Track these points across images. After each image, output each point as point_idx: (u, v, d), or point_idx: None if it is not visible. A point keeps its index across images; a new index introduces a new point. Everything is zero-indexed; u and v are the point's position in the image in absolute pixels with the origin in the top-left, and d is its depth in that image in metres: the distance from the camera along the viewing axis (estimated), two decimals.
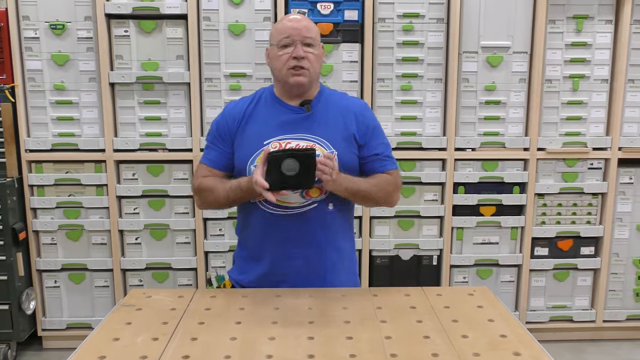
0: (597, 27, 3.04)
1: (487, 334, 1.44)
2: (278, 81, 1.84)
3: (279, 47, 1.76)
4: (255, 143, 1.78)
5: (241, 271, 1.91)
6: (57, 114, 3.00)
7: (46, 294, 3.14)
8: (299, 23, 1.77)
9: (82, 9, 2.91)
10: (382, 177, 1.82)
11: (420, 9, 2.97)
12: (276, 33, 1.79)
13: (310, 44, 1.76)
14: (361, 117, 1.84)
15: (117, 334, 1.44)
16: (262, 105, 1.85)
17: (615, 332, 3.32)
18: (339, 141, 1.78)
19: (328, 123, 1.80)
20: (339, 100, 1.88)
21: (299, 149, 1.68)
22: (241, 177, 1.76)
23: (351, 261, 1.96)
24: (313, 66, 1.77)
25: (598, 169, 3.15)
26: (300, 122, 1.79)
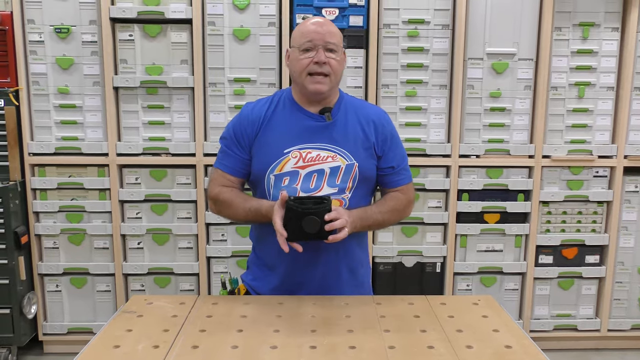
0: (603, 35, 3.02)
1: (492, 345, 1.42)
2: (297, 84, 1.79)
3: (301, 51, 1.73)
4: (275, 151, 1.75)
5: (255, 277, 1.89)
6: (60, 118, 3.00)
7: (47, 298, 3.13)
8: (322, 27, 1.73)
9: (87, 12, 2.92)
10: (394, 199, 1.82)
11: (426, 15, 2.96)
12: (299, 36, 1.75)
13: (332, 49, 1.73)
14: (380, 126, 1.81)
15: (118, 342, 1.43)
16: (281, 110, 1.80)
17: (620, 342, 3.29)
18: (359, 152, 1.77)
19: (348, 133, 1.77)
20: (359, 108, 1.85)
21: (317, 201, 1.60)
22: (262, 200, 1.73)
23: (367, 270, 1.95)
24: (334, 72, 1.74)
25: (603, 177, 3.13)
26: (321, 131, 1.76)
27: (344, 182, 1.74)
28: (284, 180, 1.73)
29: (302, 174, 1.73)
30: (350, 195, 1.75)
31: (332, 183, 1.74)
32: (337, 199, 1.73)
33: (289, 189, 1.72)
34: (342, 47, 1.77)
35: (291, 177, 1.73)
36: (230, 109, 3.00)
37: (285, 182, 1.73)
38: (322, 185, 1.73)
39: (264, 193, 1.78)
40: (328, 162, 1.74)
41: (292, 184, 1.73)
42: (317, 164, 1.73)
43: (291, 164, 1.73)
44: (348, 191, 1.75)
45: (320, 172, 1.73)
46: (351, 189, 1.76)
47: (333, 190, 1.73)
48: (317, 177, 1.73)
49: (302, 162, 1.73)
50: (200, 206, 3.04)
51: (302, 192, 1.73)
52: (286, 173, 1.73)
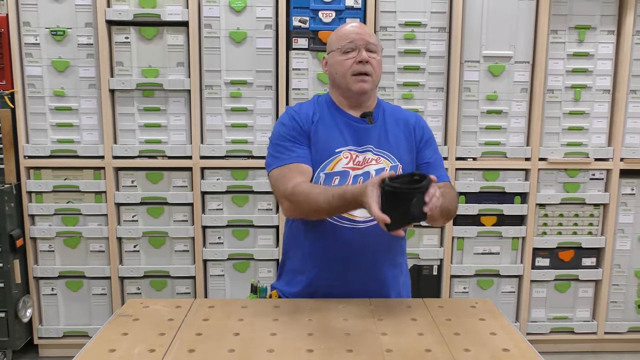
0: (600, 38, 3.03)
1: (490, 348, 1.42)
2: (338, 88, 1.78)
3: (342, 53, 1.73)
4: (328, 150, 1.73)
5: (289, 284, 1.84)
6: (56, 121, 2.99)
7: (43, 302, 3.12)
8: (361, 29, 1.76)
9: (83, 15, 2.91)
10: (447, 188, 1.73)
11: (422, 17, 2.97)
12: (338, 39, 1.76)
13: (373, 49, 1.74)
14: (418, 127, 1.82)
15: (113, 345, 1.42)
16: (327, 112, 1.79)
17: (616, 344, 3.29)
18: (402, 154, 1.77)
19: (389, 136, 1.78)
20: (396, 112, 1.86)
21: (420, 179, 1.43)
22: (344, 185, 1.63)
23: (407, 277, 1.94)
24: (376, 72, 1.75)
25: (600, 180, 3.14)
26: (366, 134, 1.76)
27: None
28: (334, 179, 1.72)
29: (352, 175, 1.73)
30: None
31: None
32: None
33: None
34: (381, 49, 1.79)
35: (341, 177, 1.72)
36: (226, 112, 2.99)
37: (336, 182, 1.72)
38: None
39: None
40: (372, 164, 1.74)
41: (342, 183, 1.71)
42: (365, 166, 1.74)
43: (342, 163, 1.73)
44: None
45: (365, 174, 1.73)
46: None
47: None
48: (362, 180, 1.71)
49: (352, 164, 1.73)
50: (196, 209, 3.03)
51: None
52: (337, 172, 1.73)
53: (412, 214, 1.40)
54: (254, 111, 3.00)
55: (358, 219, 1.72)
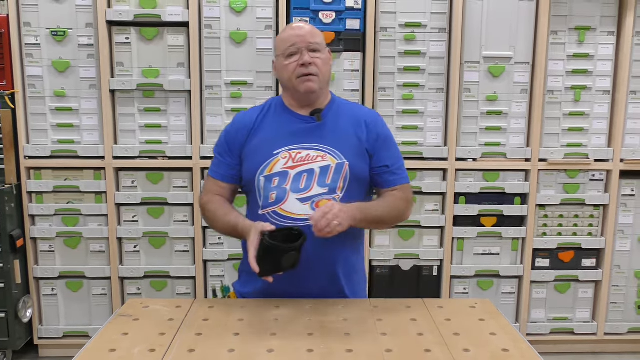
0: (599, 39, 3.03)
1: (489, 348, 1.42)
2: (287, 90, 1.81)
3: (286, 57, 1.74)
4: (265, 153, 1.75)
5: (244, 283, 1.88)
6: (57, 121, 2.99)
7: (43, 302, 3.12)
8: (302, 30, 1.75)
9: (84, 15, 2.91)
10: (392, 197, 1.79)
11: (423, 18, 2.97)
12: (281, 43, 1.77)
13: (316, 49, 1.74)
14: (372, 126, 1.81)
15: (114, 345, 1.42)
16: (272, 115, 1.82)
17: (616, 345, 3.29)
18: (350, 151, 1.76)
19: (339, 132, 1.77)
20: (351, 109, 1.85)
21: (288, 233, 1.58)
22: (241, 217, 1.72)
23: (360, 274, 1.93)
24: (322, 71, 1.75)
25: (600, 181, 3.14)
26: (311, 132, 1.77)
27: (335, 182, 1.73)
28: (273, 181, 1.73)
29: (291, 174, 1.73)
30: (341, 196, 1.74)
31: (322, 183, 1.73)
32: (328, 199, 1.72)
33: (278, 189, 1.72)
34: (325, 47, 1.79)
35: (281, 177, 1.73)
36: (227, 112, 2.99)
37: (275, 183, 1.73)
38: (312, 185, 1.72)
39: (255, 196, 1.78)
40: (318, 161, 1.73)
41: (281, 184, 1.73)
42: (307, 163, 1.73)
43: (280, 164, 1.74)
44: (339, 191, 1.74)
45: (310, 171, 1.73)
46: (342, 188, 1.74)
47: (323, 190, 1.72)
48: (307, 177, 1.72)
49: (292, 163, 1.74)
50: (196, 209, 3.03)
51: (291, 192, 1.72)
52: (276, 174, 1.74)
53: (282, 267, 1.57)
54: None
55: (301, 217, 1.70)
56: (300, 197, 1.72)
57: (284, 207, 1.72)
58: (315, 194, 1.72)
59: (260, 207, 1.76)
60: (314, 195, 1.72)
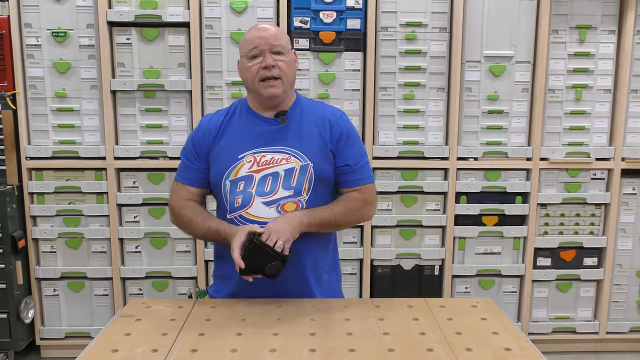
0: (600, 38, 3.03)
1: (492, 347, 1.42)
2: (251, 93, 1.80)
3: (249, 59, 1.73)
4: (230, 157, 1.75)
5: (217, 289, 1.88)
6: (58, 122, 2.99)
7: (45, 303, 3.12)
8: (266, 32, 1.73)
9: (84, 16, 2.91)
10: (347, 199, 1.77)
11: (423, 18, 2.97)
12: (244, 44, 1.75)
13: (279, 51, 1.72)
14: (335, 124, 1.79)
15: (116, 345, 1.42)
16: (237, 118, 1.81)
17: (618, 344, 3.29)
18: (314, 152, 1.75)
19: (303, 134, 1.76)
20: (315, 109, 1.83)
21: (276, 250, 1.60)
22: (222, 223, 1.72)
23: (334, 275, 1.91)
24: (285, 74, 1.73)
25: (601, 180, 3.14)
26: (275, 134, 1.76)
27: (300, 184, 1.72)
28: (239, 185, 1.73)
29: (256, 178, 1.72)
30: (307, 197, 1.73)
31: (288, 185, 1.72)
32: (294, 202, 1.72)
33: (244, 193, 1.72)
34: (289, 49, 1.77)
35: (246, 181, 1.73)
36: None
37: (241, 187, 1.73)
38: (277, 188, 1.72)
39: (222, 200, 1.78)
40: (282, 164, 1.73)
41: (247, 188, 1.72)
42: (271, 167, 1.73)
43: (245, 168, 1.73)
44: (305, 193, 1.73)
45: (274, 174, 1.72)
46: (308, 190, 1.73)
47: (289, 192, 1.72)
48: (272, 180, 1.72)
49: (257, 166, 1.73)
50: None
51: (257, 195, 1.72)
52: (241, 178, 1.73)
53: (264, 271, 1.59)
54: None
55: (265, 219, 1.70)
56: (266, 201, 1.72)
57: (250, 211, 1.72)
58: (281, 196, 1.72)
59: (228, 212, 1.75)
60: (279, 198, 1.72)
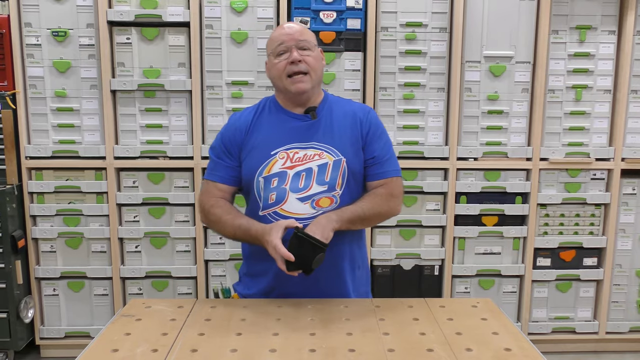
0: (600, 38, 3.03)
1: (492, 347, 1.42)
2: (280, 91, 1.81)
3: (275, 56, 1.74)
4: (262, 153, 1.75)
5: (247, 286, 1.88)
6: (57, 121, 2.99)
7: (45, 302, 3.12)
8: (291, 29, 1.75)
9: (84, 16, 2.91)
10: (373, 193, 1.78)
11: (423, 18, 2.97)
12: (271, 42, 1.77)
13: (305, 47, 1.73)
14: (365, 119, 1.80)
15: (116, 345, 1.42)
16: (267, 115, 1.82)
17: (618, 344, 3.29)
18: (346, 147, 1.76)
19: (334, 129, 1.77)
20: (344, 105, 1.85)
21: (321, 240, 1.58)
22: (253, 221, 1.71)
23: (362, 270, 1.92)
24: (313, 69, 1.74)
25: (601, 180, 3.14)
26: (307, 130, 1.77)
27: (334, 179, 1.73)
28: (272, 181, 1.74)
29: (290, 174, 1.73)
30: (341, 192, 1.74)
31: (321, 181, 1.73)
32: (328, 197, 1.72)
33: (278, 190, 1.72)
34: (316, 46, 1.78)
35: (280, 177, 1.73)
36: (227, 112, 2.99)
37: (275, 184, 1.73)
38: (311, 183, 1.72)
39: (255, 197, 1.77)
40: (315, 160, 1.74)
41: (281, 184, 1.73)
42: (305, 163, 1.73)
43: (279, 165, 1.74)
44: (339, 188, 1.74)
45: (308, 170, 1.73)
46: (342, 185, 1.74)
47: (323, 187, 1.73)
48: (305, 176, 1.73)
49: (290, 162, 1.74)
50: (197, 209, 3.03)
51: (291, 191, 1.72)
52: (274, 174, 1.74)
53: (311, 263, 1.56)
54: None
55: (303, 215, 1.71)
56: (300, 197, 1.72)
57: (285, 207, 1.72)
58: (315, 192, 1.72)
59: (261, 208, 1.75)
60: (313, 194, 1.72)
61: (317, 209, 1.72)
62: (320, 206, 1.72)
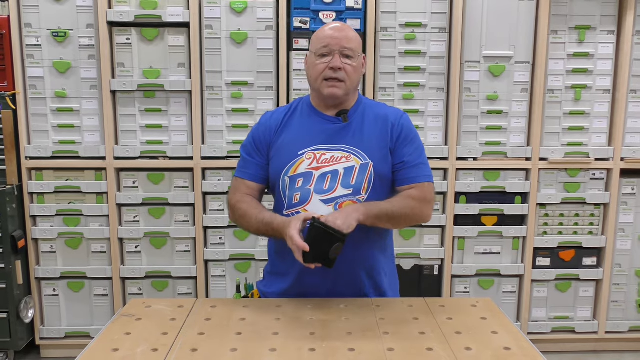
0: (600, 38, 3.04)
1: (491, 346, 1.43)
2: (314, 90, 1.80)
3: (317, 56, 1.73)
4: (290, 153, 1.75)
5: (268, 284, 1.88)
6: (58, 122, 2.99)
7: (45, 303, 3.12)
8: (339, 32, 1.73)
9: (84, 16, 2.91)
10: (404, 195, 1.74)
11: (423, 18, 2.97)
12: (316, 40, 1.76)
13: (349, 55, 1.72)
14: (397, 123, 1.78)
15: (117, 345, 1.43)
16: (299, 115, 1.82)
17: (617, 344, 3.29)
18: (374, 151, 1.75)
19: (364, 133, 1.77)
20: (377, 109, 1.83)
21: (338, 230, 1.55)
22: (276, 215, 1.70)
23: (391, 280, 1.91)
24: (350, 78, 1.73)
25: (600, 180, 3.14)
26: (336, 133, 1.76)
27: (359, 183, 1.72)
28: (297, 181, 1.73)
29: (315, 175, 1.73)
30: (366, 197, 1.72)
31: (347, 184, 1.72)
32: (352, 201, 1.71)
33: (302, 190, 1.72)
34: (360, 53, 1.77)
35: (305, 178, 1.73)
36: (227, 112, 3.00)
37: (299, 184, 1.73)
38: (336, 186, 1.71)
39: (280, 196, 1.78)
40: (342, 162, 1.73)
41: (305, 185, 1.72)
42: (331, 165, 1.73)
43: (305, 165, 1.74)
44: (364, 192, 1.72)
45: (334, 172, 1.72)
46: (367, 190, 1.72)
47: (347, 191, 1.72)
48: (330, 178, 1.72)
49: (316, 163, 1.73)
50: (197, 209, 3.04)
51: (315, 193, 1.72)
52: (300, 174, 1.74)
53: (328, 255, 1.55)
54: (254, 112, 3.00)
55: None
56: (324, 199, 1.72)
57: (308, 208, 1.71)
58: (339, 195, 1.71)
59: (285, 208, 1.75)
60: (337, 197, 1.71)
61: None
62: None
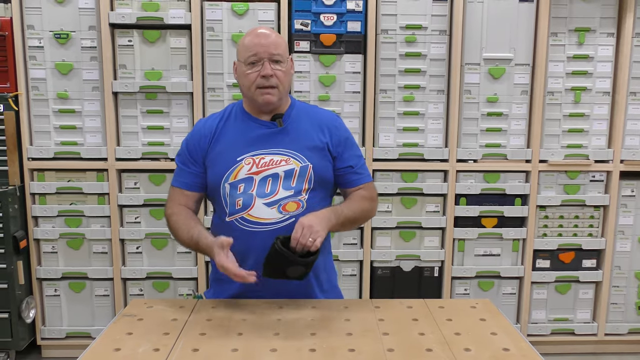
0: (599, 40, 3.05)
1: (490, 348, 1.44)
2: (246, 97, 1.82)
3: (247, 65, 1.73)
4: (228, 160, 1.76)
5: (215, 293, 1.88)
6: (60, 123, 3.01)
7: (46, 303, 3.13)
8: (266, 39, 1.73)
9: (87, 18, 2.93)
10: (359, 197, 1.82)
11: (423, 20, 2.98)
12: (243, 49, 1.75)
13: (278, 60, 1.73)
14: (334, 129, 1.83)
15: (118, 344, 1.44)
16: (233, 121, 1.83)
17: (617, 346, 3.30)
18: (312, 153, 1.77)
19: (300, 136, 1.79)
20: (311, 112, 1.87)
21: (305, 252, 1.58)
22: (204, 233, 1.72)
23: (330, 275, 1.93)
24: (282, 83, 1.75)
25: (600, 182, 3.15)
26: (273, 137, 1.78)
27: (300, 184, 1.75)
28: (239, 187, 1.74)
29: (256, 180, 1.74)
30: (307, 197, 1.75)
31: (288, 186, 1.74)
32: (295, 201, 1.74)
33: (245, 195, 1.73)
34: (287, 56, 1.78)
35: (246, 183, 1.74)
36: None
37: (241, 189, 1.74)
38: (277, 189, 1.74)
39: (221, 203, 1.79)
40: (282, 165, 1.75)
41: (247, 190, 1.74)
42: (271, 168, 1.75)
43: (245, 170, 1.75)
44: (304, 193, 1.75)
45: (274, 176, 1.74)
46: (307, 190, 1.76)
47: (289, 192, 1.74)
48: (272, 182, 1.74)
49: (256, 168, 1.75)
50: None
51: (257, 197, 1.73)
52: (240, 180, 1.75)
53: (287, 275, 1.59)
54: None
55: (269, 220, 1.72)
56: (267, 202, 1.73)
57: (252, 213, 1.73)
58: (282, 197, 1.73)
59: (227, 214, 1.77)
60: (280, 199, 1.73)
61: (284, 214, 1.73)
62: (287, 210, 1.74)
